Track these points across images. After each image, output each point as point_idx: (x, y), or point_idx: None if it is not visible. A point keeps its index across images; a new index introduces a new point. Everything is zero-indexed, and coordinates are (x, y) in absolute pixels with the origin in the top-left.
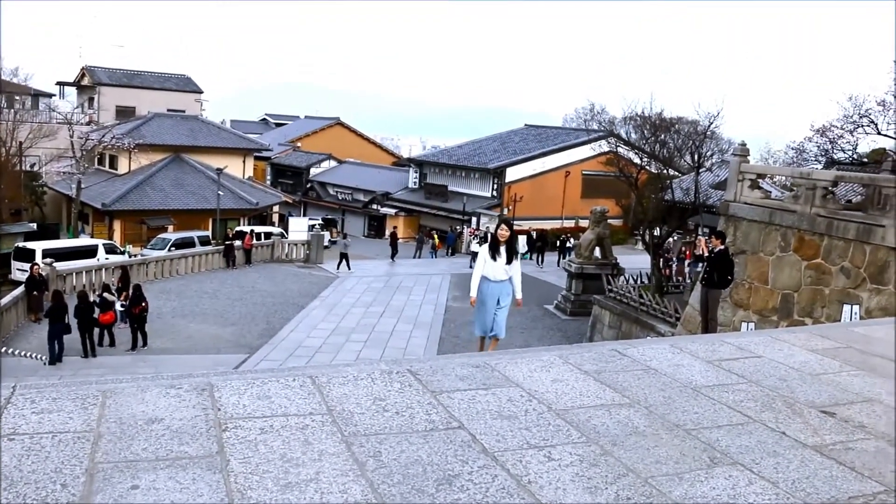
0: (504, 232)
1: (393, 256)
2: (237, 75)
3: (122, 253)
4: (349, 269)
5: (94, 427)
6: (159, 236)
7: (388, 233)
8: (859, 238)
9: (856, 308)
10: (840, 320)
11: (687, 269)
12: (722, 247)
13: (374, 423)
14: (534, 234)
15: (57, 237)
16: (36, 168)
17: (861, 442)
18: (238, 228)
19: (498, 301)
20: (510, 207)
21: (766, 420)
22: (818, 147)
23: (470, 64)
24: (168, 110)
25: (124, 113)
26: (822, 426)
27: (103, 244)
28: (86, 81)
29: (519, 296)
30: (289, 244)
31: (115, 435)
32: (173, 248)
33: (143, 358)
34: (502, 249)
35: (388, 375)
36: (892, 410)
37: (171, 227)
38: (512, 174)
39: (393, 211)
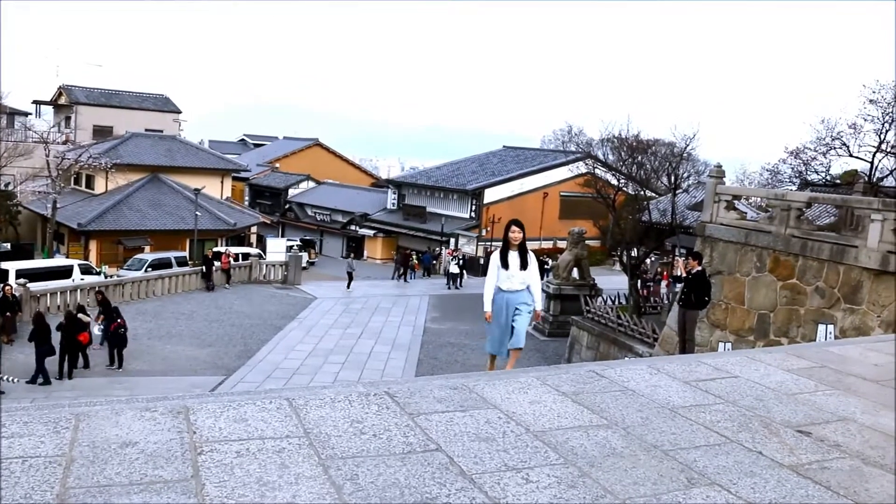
0: (516, 233)
1: (405, 277)
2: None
3: (98, 273)
4: (349, 287)
5: (66, 451)
6: (136, 257)
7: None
8: (833, 258)
9: (830, 328)
10: (815, 340)
11: (664, 290)
12: (699, 268)
13: (352, 445)
14: None
15: (31, 257)
16: (10, 187)
17: (836, 461)
18: (215, 249)
19: (515, 312)
20: (488, 229)
21: (742, 440)
22: (792, 169)
23: (448, 86)
24: (146, 130)
25: (102, 132)
26: (798, 446)
27: (79, 264)
28: (63, 100)
29: (539, 307)
30: (267, 265)
31: (87, 459)
32: (150, 269)
33: (118, 380)
34: (515, 254)
35: (365, 397)
36: (867, 429)
37: (147, 248)
38: (490, 195)
39: (371, 232)
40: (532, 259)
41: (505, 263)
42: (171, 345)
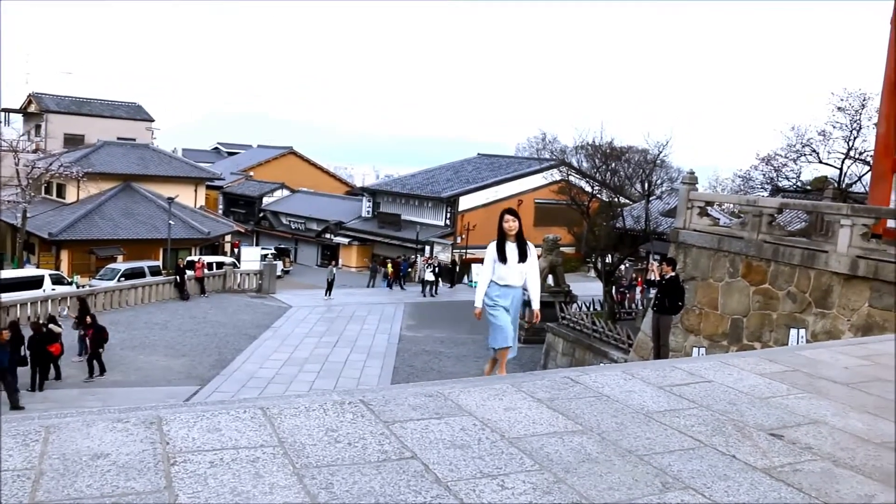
0: (511, 223)
1: (400, 284)
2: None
3: (70, 283)
4: (330, 295)
5: (35, 464)
6: (108, 266)
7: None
8: (804, 263)
9: (802, 332)
10: (787, 344)
11: (638, 296)
12: (672, 273)
13: (327, 454)
14: None
15: (1, 268)
16: None
17: (808, 463)
18: (189, 258)
19: (508, 308)
20: (463, 236)
21: (716, 444)
22: (764, 175)
23: (423, 94)
24: (118, 138)
25: (73, 141)
26: (770, 449)
27: (50, 274)
28: (33, 108)
29: (536, 306)
30: (241, 274)
31: (57, 472)
32: (123, 279)
33: (91, 391)
34: (513, 246)
35: (340, 406)
36: (838, 432)
37: (120, 257)
38: (465, 203)
39: (346, 240)
40: (532, 251)
41: (502, 256)
42: (144, 355)
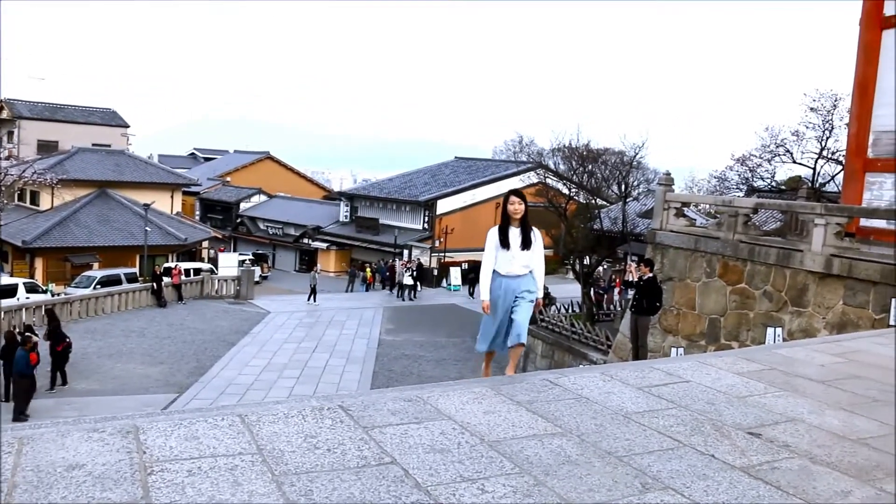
0: (517, 205)
1: (406, 292)
2: (166, 111)
3: (45, 292)
4: (315, 300)
5: (8, 477)
6: (84, 274)
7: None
8: (780, 262)
9: (779, 330)
10: (764, 343)
11: (616, 298)
12: (650, 274)
13: (306, 461)
14: (465, 266)
15: None
16: None
17: (785, 461)
18: (166, 265)
19: (514, 301)
20: (441, 240)
21: (695, 444)
22: (739, 175)
23: (400, 98)
24: (93, 145)
25: (47, 147)
26: (748, 447)
27: (24, 283)
28: (5, 114)
29: (540, 294)
30: (219, 280)
31: (31, 484)
32: (99, 286)
33: (67, 401)
34: (517, 231)
35: (319, 412)
36: (814, 429)
37: (96, 265)
38: (443, 206)
39: (324, 245)
40: (537, 237)
41: (505, 242)
42: (121, 363)
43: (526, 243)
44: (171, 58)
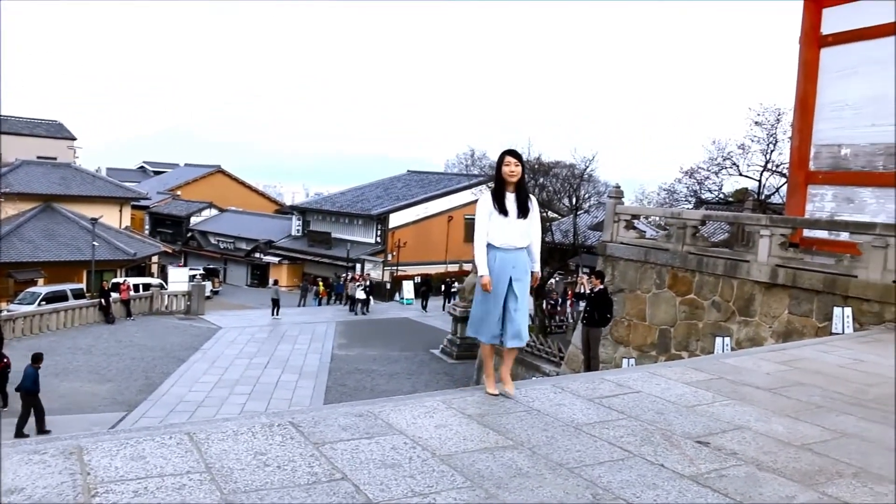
0: (512, 166)
1: (364, 309)
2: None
3: None
4: (277, 314)
5: None
6: (28, 290)
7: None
8: (727, 273)
9: (727, 340)
10: (713, 352)
11: (569, 310)
12: (601, 286)
13: (255, 478)
14: (418, 280)
15: None
16: None
17: (733, 468)
18: (114, 280)
19: (510, 283)
20: (394, 253)
21: (645, 454)
22: (687, 188)
23: (352, 113)
24: (38, 157)
25: None
26: (697, 456)
27: None
28: None
29: (537, 268)
30: (168, 295)
31: None
32: (44, 303)
33: (8, 422)
34: (513, 197)
35: (269, 429)
36: (760, 436)
37: (41, 281)
38: (395, 220)
39: (276, 259)
40: (534, 204)
41: (502, 207)
42: (68, 381)
43: (523, 210)
44: (117, 68)
